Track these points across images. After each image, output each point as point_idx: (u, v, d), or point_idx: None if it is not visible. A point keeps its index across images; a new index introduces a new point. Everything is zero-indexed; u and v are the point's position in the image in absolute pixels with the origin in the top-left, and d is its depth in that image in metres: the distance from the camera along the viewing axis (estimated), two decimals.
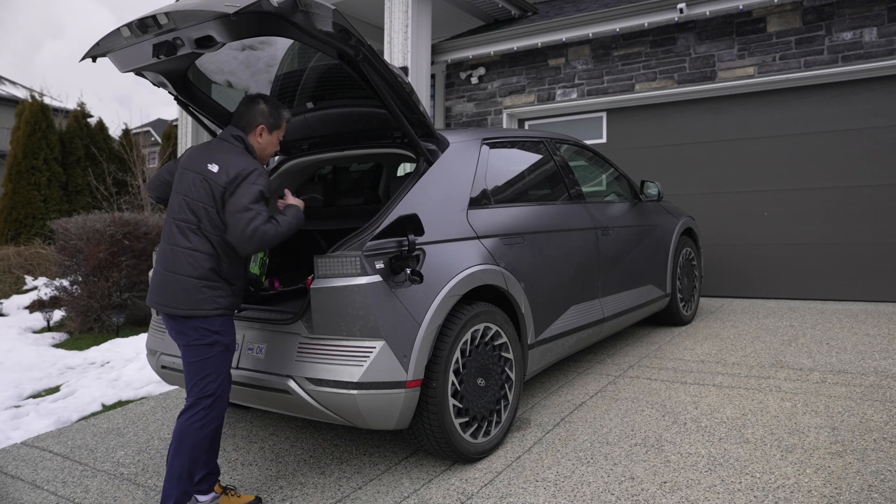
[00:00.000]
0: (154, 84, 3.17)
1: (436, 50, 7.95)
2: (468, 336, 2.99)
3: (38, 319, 7.37)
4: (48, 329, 7.14)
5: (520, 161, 4.03)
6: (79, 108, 13.30)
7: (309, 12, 2.41)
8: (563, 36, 7.33)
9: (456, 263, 3.00)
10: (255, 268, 2.89)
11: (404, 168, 4.58)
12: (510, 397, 3.24)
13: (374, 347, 2.65)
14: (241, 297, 2.72)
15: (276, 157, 4.03)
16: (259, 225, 2.45)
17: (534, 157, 4.12)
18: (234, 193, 2.49)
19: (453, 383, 2.90)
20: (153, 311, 3.53)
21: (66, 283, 6.96)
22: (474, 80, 8.25)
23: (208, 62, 3.15)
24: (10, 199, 11.87)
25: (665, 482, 2.70)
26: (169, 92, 3.25)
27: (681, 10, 6.53)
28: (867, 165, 6.20)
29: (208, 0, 2.36)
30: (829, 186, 6.39)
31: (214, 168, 2.55)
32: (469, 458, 2.97)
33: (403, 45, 6.95)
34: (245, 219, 2.44)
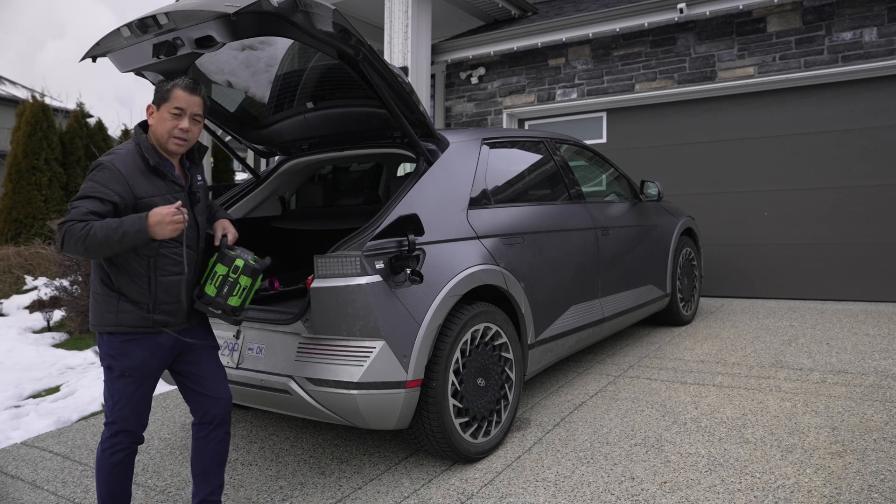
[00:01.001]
0: (154, 84, 3.17)
1: (436, 50, 7.95)
2: (468, 336, 2.99)
3: (38, 319, 7.36)
4: (48, 329, 7.13)
5: (520, 161, 4.03)
6: (78, 109, 13.31)
7: (309, 12, 2.41)
8: (563, 36, 7.32)
9: (456, 263, 3.00)
10: (210, 288, 2.37)
11: (404, 168, 4.58)
12: (510, 397, 3.24)
13: (374, 347, 2.66)
14: (167, 316, 2.29)
15: (277, 158, 4.03)
16: (68, 222, 2.09)
17: (534, 157, 4.12)
18: None
19: (453, 383, 2.90)
20: None
21: (66, 283, 6.96)
22: (474, 80, 8.25)
23: (208, 62, 3.15)
24: (10, 199, 11.87)
25: (665, 482, 2.70)
26: None
27: (681, 10, 6.53)
28: (867, 165, 6.20)
29: (208, 0, 2.36)
30: (829, 186, 6.39)
31: None
32: (469, 458, 2.97)
33: (403, 45, 6.95)
34: (61, 221, 2.14)
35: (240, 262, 2.39)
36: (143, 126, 2.36)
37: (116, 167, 2.21)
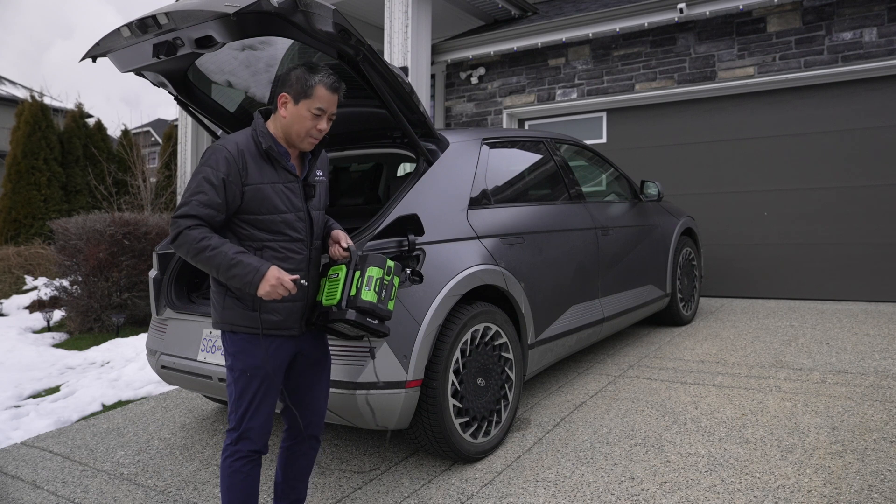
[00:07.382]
0: (154, 84, 3.18)
1: (436, 50, 7.95)
2: (468, 336, 2.99)
3: (38, 319, 7.36)
4: (48, 329, 7.14)
5: (520, 161, 4.03)
6: (76, 109, 13.31)
7: (309, 12, 2.41)
8: (563, 36, 7.33)
9: (456, 263, 3.00)
10: (369, 294, 2.11)
11: (404, 168, 4.58)
12: (510, 397, 3.24)
13: (374, 348, 2.65)
14: (277, 316, 2.18)
15: None
16: (184, 227, 2.04)
17: (534, 157, 4.12)
18: None
19: (453, 383, 2.90)
20: (154, 312, 3.52)
21: (66, 283, 6.96)
22: (474, 80, 8.25)
23: (208, 62, 3.15)
24: (9, 199, 11.87)
25: (665, 482, 2.70)
26: (169, 92, 3.25)
27: (681, 10, 6.53)
28: (867, 165, 6.20)
29: (208, 0, 2.36)
30: (829, 186, 6.39)
31: None
32: (469, 458, 2.97)
33: (403, 45, 6.95)
34: (175, 213, 2.08)
35: (391, 263, 2.16)
36: (264, 114, 2.26)
37: (228, 150, 2.13)
